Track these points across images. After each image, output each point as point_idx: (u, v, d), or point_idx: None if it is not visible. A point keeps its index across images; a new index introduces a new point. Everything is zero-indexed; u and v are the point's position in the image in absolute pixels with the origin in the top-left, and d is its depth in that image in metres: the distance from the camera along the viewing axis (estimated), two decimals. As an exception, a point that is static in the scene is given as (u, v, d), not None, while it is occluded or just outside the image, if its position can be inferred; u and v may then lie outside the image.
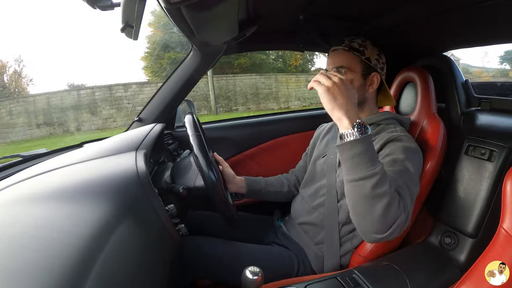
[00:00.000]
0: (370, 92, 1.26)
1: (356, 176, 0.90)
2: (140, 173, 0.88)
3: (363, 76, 1.23)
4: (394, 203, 0.89)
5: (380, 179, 0.88)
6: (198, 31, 1.05)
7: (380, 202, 0.88)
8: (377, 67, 1.24)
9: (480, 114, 1.43)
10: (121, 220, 0.78)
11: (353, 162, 0.90)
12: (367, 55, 1.22)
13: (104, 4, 0.81)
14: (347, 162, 0.91)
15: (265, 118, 2.16)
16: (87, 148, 1.25)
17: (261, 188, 1.50)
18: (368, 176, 0.88)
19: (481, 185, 1.21)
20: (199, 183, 1.08)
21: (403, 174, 1.01)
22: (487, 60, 19.34)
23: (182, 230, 1.01)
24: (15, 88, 14.09)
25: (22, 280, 0.55)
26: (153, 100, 1.67)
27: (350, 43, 1.22)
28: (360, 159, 0.89)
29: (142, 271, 0.79)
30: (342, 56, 1.23)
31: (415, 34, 1.53)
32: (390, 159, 1.05)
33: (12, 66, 14.48)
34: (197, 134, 1.12)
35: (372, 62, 1.23)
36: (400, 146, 1.08)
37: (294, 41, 1.70)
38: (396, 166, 1.03)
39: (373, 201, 0.89)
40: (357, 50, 1.22)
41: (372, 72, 1.23)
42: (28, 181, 0.93)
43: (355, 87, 1.21)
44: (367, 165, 0.88)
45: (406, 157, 1.05)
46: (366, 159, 0.88)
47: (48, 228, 0.69)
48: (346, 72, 1.21)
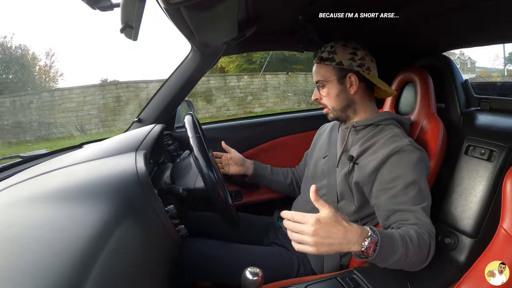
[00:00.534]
0: (354, 93, 1.26)
1: (388, 264, 0.96)
2: (140, 174, 0.88)
3: (339, 81, 1.25)
4: (422, 249, 0.99)
5: (404, 253, 0.94)
6: (197, 31, 1.05)
7: (416, 260, 0.99)
8: (352, 66, 1.24)
9: (479, 114, 1.42)
10: (121, 221, 0.78)
11: (382, 260, 0.95)
12: (337, 60, 1.24)
13: (104, 4, 0.81)
14: (380, 263, 0.97)
15: (265, 119, 2.16)
16: (86, 149, 1.25)
17: (267, 174, 1.58)
18: (396, 261, 0.94)
19: (480, 185, 1.21)
20: (199, 184, 1.08)
21: (418, 198, 1.07)
22: (498, 62, 19.36)
23: (182, 231, 1.01)
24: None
25: (22, 280, 0.55)
26: (152, 101, 1.67)
27: (320, 54, 1.27)
28: (383, 256, 0.93)
29: (142, 272, 0.79)
30: (317, 70, 1.29)
31: (415, 34, 1.52)
32: (402, 186, 1.08)
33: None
34: (197, 135, 1.12)
35: (344, 64, 1.23)
36: (407, 162, 1.10)
37: (294, 41, 1.70)
38: (410, 192, 1.07)
39: (411, 264, 1.00)
40: (327, 59, 1.25)
41: (347, 74, 1.25)
42: (27, 182, 0.93)
43: (336, 97, 1.27)
44: (390, 256, 0.94)
45: (416, 176, 1.09)
46: (388, 252, 0.93)
47: (48, 229, 0.69)
48: (324, 84, 1.26)
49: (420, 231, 1.00)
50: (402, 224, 1.05)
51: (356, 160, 1.19)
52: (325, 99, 1.29)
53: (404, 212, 1.06)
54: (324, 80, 1.26)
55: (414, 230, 1.00)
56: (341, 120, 1.33)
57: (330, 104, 1.28)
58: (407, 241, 0.95)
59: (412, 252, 0.95)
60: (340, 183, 1.23)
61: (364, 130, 1.26)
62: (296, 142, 2.00)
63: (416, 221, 1.03)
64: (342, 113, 1.29)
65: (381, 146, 1.15)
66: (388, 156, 1.12)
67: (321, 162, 1.38)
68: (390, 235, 0.94)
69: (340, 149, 1.28)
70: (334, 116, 1.31)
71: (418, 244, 0.97)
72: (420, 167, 1.11)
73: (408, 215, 1.05)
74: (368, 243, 0.89)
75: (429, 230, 1.02)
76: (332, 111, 1.29)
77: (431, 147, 1.25)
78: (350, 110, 1.28)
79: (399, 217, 1.07)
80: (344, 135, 1.29)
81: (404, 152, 1.11)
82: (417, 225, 1.02)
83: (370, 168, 1.14)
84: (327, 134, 1.48)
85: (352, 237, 0.89)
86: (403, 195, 1.07)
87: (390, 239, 0.93)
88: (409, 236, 0.97)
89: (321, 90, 1.28)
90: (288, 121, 2.17)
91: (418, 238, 0.98)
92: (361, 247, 0.89)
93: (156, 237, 0.90)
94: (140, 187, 0.87)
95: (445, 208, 1.30)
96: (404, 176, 1.08)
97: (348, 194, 1.20)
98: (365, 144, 1.20)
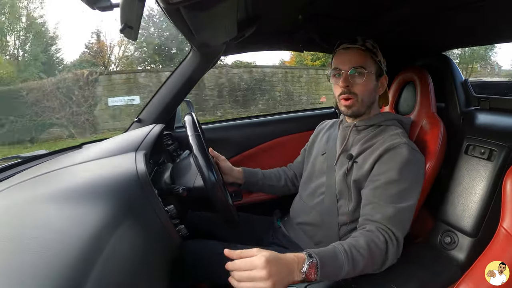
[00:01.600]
0: (378, 95, 1.27)
1: (341, 277, 0.96)
2: (140, 174, 0.89)
3: (376, 78, 1.23)
4: (375, 256, 0.99)
5: (352, 267, 0.94)
6: (197, 31, 1.05)
7: (370, 268, 1.00)
8: (384, 69, 1.25)
9: (479, 113, 1.42)
10: (121, 221, 0.78)
11: (332, 278, 0.97)
12: (378, 57, 1.22)
13: (104, 5, 0.81)
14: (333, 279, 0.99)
15: (265, 119, 2.16)
16: (86, 149, 1.25)
17: (258, 180, 1.50)
18: (348, 274, 0.95)
19: (480, 184, 1.21)
20: (198, 183, 1.08)
21: (396, 198, 1.07)
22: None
23: (182, 231, 1.01)
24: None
25: (22, 280, 0.55)
26: (152, 101, 1.67)
27: (364, 43, 1.21)
28: (330, 274, 0.93)
29: (142, 272, 0.79)
30: (360, 56, 1.20)
31: (415, 34, 1.53)
32: (384, 181, 1.09)
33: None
34: (196, 134, 1.12)
35: (382, 65, 1.23)
36: (397, 160, 1.10)
37: (294, 41, 1.70)
38: (390, 189, 1.08)
39: (366, 271, 1.00)
40: (372, 51, 1.21)
41: (383, 74, 1.25)
42: (28, 183, 0.93)
43: (371, 87, 1.22)
44: (338, 272, 0.93)
45: (401, 176, 1.08)
46: (333, 270, 0.92)
47: (48, 229, 0.70)
48: (364, 74, 1.18)
49: (373, 237, 1.01)
50: (366, 221, 1.07)
51: (356, 159, 1.19)
52: (359, 88, 1.20)
53: (375, 206, 1.07)
54: (367, 69, 1.19)
55: (365, 238, 1.00)
56: (356, 116, 1.27)
57: (361, 95, 1.21)
58: (354, 254, 0.95)
59: (363, 263, 0.96)
60: (339, 181, 1.22)
61: (365, 131, 1.25)
62: (295, 142, 1.99)
63: (381, 220, 1.04)
64: (366, 108, 1.24)
65: (380, 145, 1.15)
66: (383, 152, 1.12)
67: (320, 159, 1.37)
68: (332, 254, 0.93)
69: (340, 148, 1.28)
70: (356, 110, 1.23)
71: (369, 253, 0.97)
72: (410, 168, 1.10)
73: (376, 211, 1.06)
74: (307, 268, 0.88)
75: (389, 233, 1.03)
76: (359, 104, 1.22)
77: (431, 147, 1.25)
78: (368, 109, 1.26)
79: (368, 211, 1.08)
80: (345, 134, 1.29)
81: (398, 150, 1.11)
82: (377, 227, 1.03)
83: (368, 166, 1.14)
84: (326, 130, 1.47)
85: (292, 266, 0.87)
86: (382, 190, 1.08)
87: (333, 258, 0.92)
88: (356, 248, 0.96)
89: (359, 77, 1.19)
90: (288, 121, 2.17)
91: (369, 246, 0.98)
92: (301, 274, 0.87)
93: (156, 237, 0.90)
94: (140, 187, 0.87)
95: (445, 207, 1.30)
96: (390, 172, 1.09)
97: (346, 193, 1.20)
98: (366, 144, 1.20)
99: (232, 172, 1.45)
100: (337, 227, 1.22)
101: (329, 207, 1.24)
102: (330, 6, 1.28)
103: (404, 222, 1.07)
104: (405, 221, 1.07)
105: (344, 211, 1.20)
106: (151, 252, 0.86)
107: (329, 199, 1.25)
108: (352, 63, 1.19)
